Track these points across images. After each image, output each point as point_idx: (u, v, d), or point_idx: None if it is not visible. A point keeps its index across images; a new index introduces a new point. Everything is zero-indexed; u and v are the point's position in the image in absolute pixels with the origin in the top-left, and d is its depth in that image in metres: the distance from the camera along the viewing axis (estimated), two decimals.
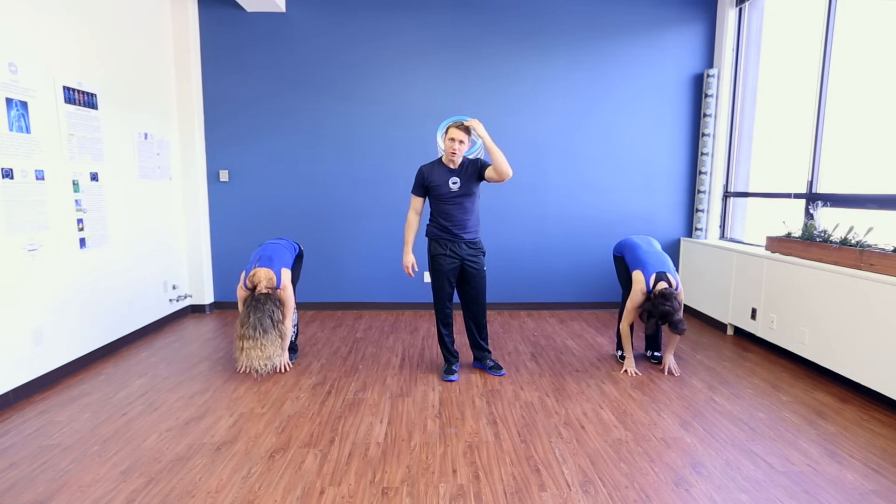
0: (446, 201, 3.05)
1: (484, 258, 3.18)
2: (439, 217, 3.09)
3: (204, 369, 3.31)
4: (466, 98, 4.70)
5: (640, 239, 3.48)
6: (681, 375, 3.26)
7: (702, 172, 4.78)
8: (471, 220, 3.10)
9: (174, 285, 4.48)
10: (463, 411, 2.74)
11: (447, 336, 3.23)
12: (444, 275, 3.10)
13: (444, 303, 3.15)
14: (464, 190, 3.04)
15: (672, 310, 3.02)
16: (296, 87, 4.64)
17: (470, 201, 3.08)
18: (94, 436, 2.45)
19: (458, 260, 3.11)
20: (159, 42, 4.24)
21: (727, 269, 4.15)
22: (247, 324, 2.94)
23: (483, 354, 3.32)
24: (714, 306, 4.35)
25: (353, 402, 2.84)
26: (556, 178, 4.84)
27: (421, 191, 3.11)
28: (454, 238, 3.08)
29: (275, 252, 3.22)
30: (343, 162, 4.74)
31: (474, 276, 3.14)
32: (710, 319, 4.42)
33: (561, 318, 4.70)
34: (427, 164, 3.11)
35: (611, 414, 2.71)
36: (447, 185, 3.04)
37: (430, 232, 3.14)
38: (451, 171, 3.05)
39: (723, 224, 4.83)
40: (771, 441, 2.44)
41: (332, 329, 4.28)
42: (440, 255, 3.09)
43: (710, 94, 4.65)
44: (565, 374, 3.28)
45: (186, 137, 4.55)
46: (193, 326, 4.33)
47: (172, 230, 4.48)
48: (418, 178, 3.09)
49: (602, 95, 4.76)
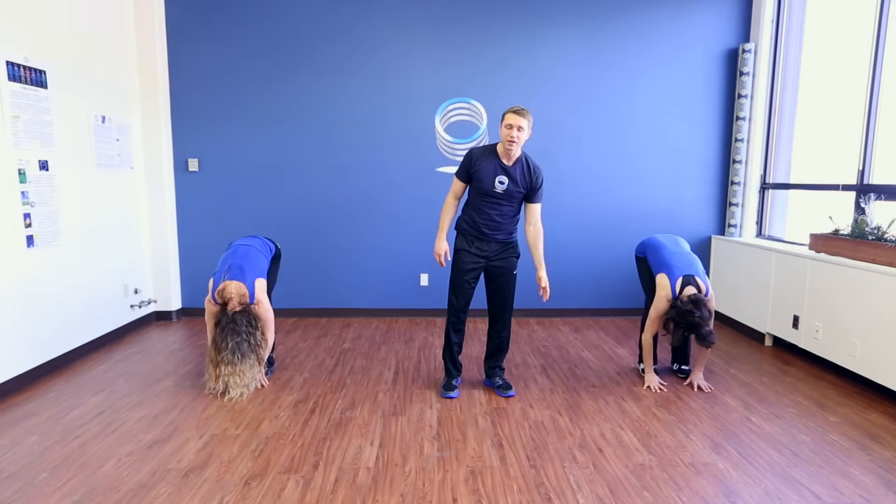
0: (485, 198, 3.05)
1: (517, 261, 3.18)
2: (472, 211, 3.11)
3: (170, 385, 3.30)
4: (468, 77, 4.69)
5: (666, 238, 3.47)
6: (712, 392, 3.25)
7: (736, 161, 4.77)
8: (507, 224, 3.11)
9: (136, 289, 4.47)
10: (464, 432, 2.73)
11: (456, 344, 3.23)
12: (463, 273, 3.12)
13: (458, 305, 3.16)
14: (509, 194, 3.03)
15: (701, 319, 3.01)
16: (278, 64, 4.63)
17: (511, 208, 3.08)
18: (41, 462, 2.43)
19: (485, 260, 3.12)
20: (119, 11, 4.22)
21: (765, 272, 4.14)
22: (223, 349, 2.96)
23: (495, 371, 3.31)
24: (750, 314, 4.34)
25: (339, 422, 2.82)
26: (569, 169, 4.83)
27: (464, 175, 3.09)
28: (483, 237, 3.10)
29: (246, 258, 3.21)
30: (329, 149, 4.73)
31: (501, 277, 3.15)
32: (746, 328, 4.41)
33: (575, 327, 4.69)
34: (479, 148, 3.10)
35: (632, 435, 2.70)
36: (492, 182, 3.02)
37: (460, 225, 3.17)
38: (501, 168, 3.02)
39: (760, 220, 4.83)
40: (817, 468, 2.43)
41: (315, 339, 4.28)
42: (464, 251, 3.12)
43: (745, 71, 4.64)
44: (580, 390, 3.27)
45: (150, 121, 4.53)
46: (158, 336, 4.31)
47: (134, 227, 4.46)
48: (465, 160, 3.09)
49: (621, 74, 4.75)
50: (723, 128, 4.85)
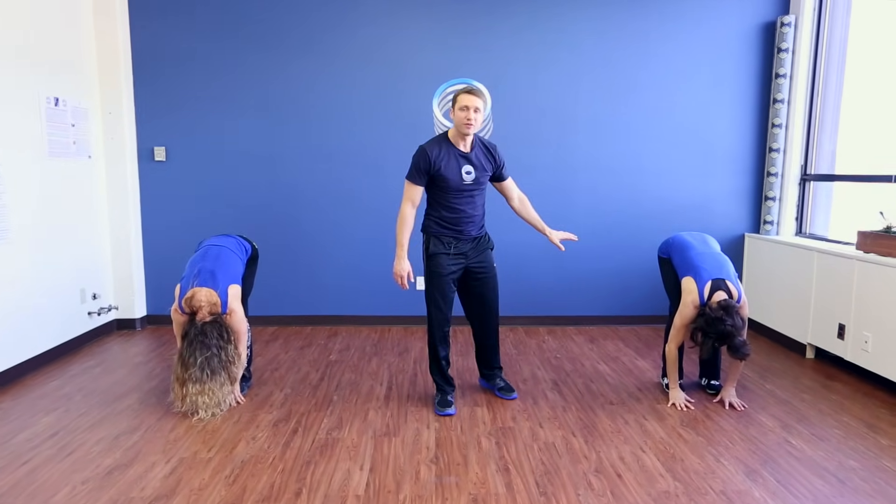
0: (455, 195, 3.12)
1: (492, 253, 3.31)
2: (442, 210, 3.16)
3: (133, 402, 3.30)
4: (470, 56, 4.69)
5: (693, 236, 3.47)
6: (746, 410, 3.26)
7: (773, 150, 4.77)
8: (481, 216, 3.24)
9: (94, 294, 4.46)
10: (466, 455, 2.73)
11: (444, 359, 3.28)
12: (444, 279, 3.15)
13: (443, 315, 3.19)
14: (478, 183, 3.14)
15: (732, 328, 3.01)
16: (256, 43, 4.62)
17: (481, 197, 3.21)
18: None
19: (464, 260, 3.19)
20: None
21: (806, 274, 4.14)
22: (190, 365, 2.97)
23: (493, 372, 3.41)
24: (789, 322, 4.34)
25: (325, 444, 2.83)
26: (584, 159, 4.83)
27: (422, 178, 3.11)
28: (459, 235, 3.16)
29: (218, 261, 3.20)
30: (313, 138, 4.74)
31: (484, 277, 3.25)
32: (784, 338, 4.41)
33: (591, 336, 4.69)
34: (430, 144, 3.12)
35: (655, 459, 2.70)
36: (459, 176, 3.10)
37: (429, 227, 3.20)
38: (463, 157, 3.10)
39: (800, 216, 4.83)
40: (867, 498, 2.41)
41: (298, 350, 4.29)
42: (441, 253, 3.15)
43: (784, 47, 4.64)
44: (596, 408, 3.28)
45: (111, 104, 4.53)
46: (119, 347, 4.31)
47: (93, 224, 4.45)
48: (420, 161, 3.08)
49: (643, 51, 4.75)
50: (758, 112, 4.85)
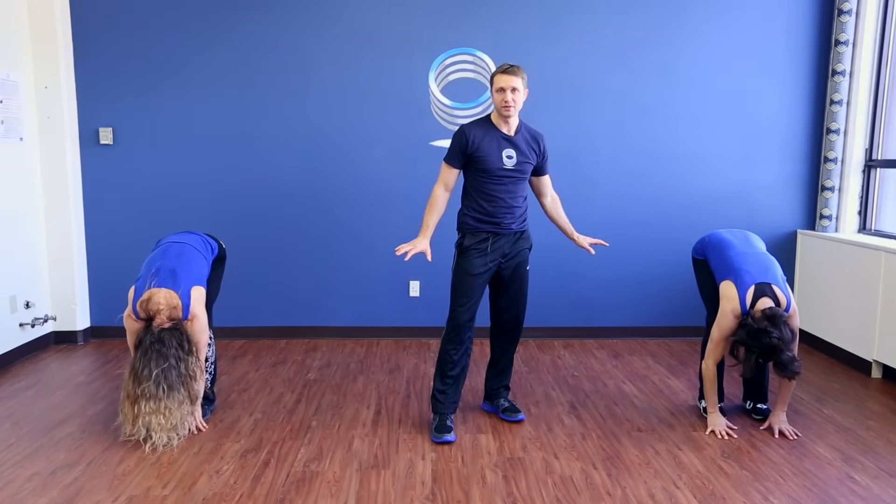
0: (495, 180, 3.23)
1: (529, 254, 3.44)
2: (480, 199, 3.26)
3: (73, 430, 3.29)
4: (472, 23, 4.71)
5: (733, 234, 3.49)
6: (799, 439, 3.25)
7: (831, 131, 4.78)
8: (522, 209, 3.36)
9: (28, 303, 4.46)
10: (468, 491, 2.73)
11: (461, 372, 3.32)
12: (474, 278, 3.24)
13: (466, 317, 3.27)
14: (519, 168, 3.26)
15: (780, 341, 3.00)
16: (227, 9, 4.60)
17: (522, 186, 3.34)
18: None
19: (501, 259, 3.30)
20: None
21: (871, 279, 4.14)
22: (144, 379, 2.94)
23: (499, 391, 3.52)
24: (851, 335, 4.34)
25: (302, 478, 2.83)
26: (607, 142, 4.85)
27: (458, 159, 3.26)
28: (498, 229, 3.26)
29: (180, 259, 3.23)
30: (290, 119, 4.75)
31: (514, 275, 3.36)
32: (845, 355, 4.42)
33: (614, 351, 4.71)
34: (471, 124, 3.30)
35: (692, 496, 2.70)
36: (499, 160, 3.21)
37: (465, 224, 3.29)
38: (505, 140, 3.23)
39: (864, 209, 4.83)
40: None
41: (271, 367, 4.29)
42: (474, 249, 3.24)
43: (846, 9, 4.63)
44: (621, 436, 3.29)
45: (47, 77, 4.51)
46: (57, 364, 4.31)
47: (25, 219, 4.45)
48: (459, 140, 3.24)
49: (674, 14, 4.76)
50: (813, 87, 4.86)
